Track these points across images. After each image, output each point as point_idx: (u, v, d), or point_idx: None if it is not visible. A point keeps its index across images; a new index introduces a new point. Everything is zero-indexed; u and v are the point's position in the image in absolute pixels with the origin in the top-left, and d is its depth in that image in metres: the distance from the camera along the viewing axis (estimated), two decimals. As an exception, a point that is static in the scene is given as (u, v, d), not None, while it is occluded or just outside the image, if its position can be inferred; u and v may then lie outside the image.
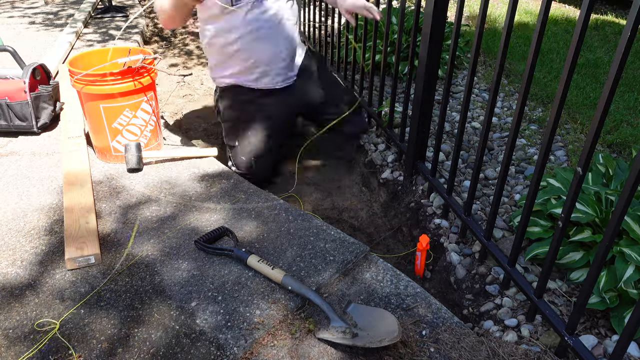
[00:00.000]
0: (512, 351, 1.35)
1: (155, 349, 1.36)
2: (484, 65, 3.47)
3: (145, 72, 2.12)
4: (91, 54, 2.23)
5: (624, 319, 1.38)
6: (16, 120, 2.39)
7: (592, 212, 1.56)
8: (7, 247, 1.72)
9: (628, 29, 0.99)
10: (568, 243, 1.58)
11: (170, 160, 2.27)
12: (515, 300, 1.57)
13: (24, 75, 2.36)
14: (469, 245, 1.84)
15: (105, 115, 2.10)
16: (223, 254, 1.68)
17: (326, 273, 1.60)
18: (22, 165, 2.22)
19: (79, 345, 1.37)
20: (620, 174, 1.72)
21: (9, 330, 1.42)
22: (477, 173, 1.64)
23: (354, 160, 2.64)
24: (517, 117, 1.38)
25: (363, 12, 2.14)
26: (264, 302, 1.49)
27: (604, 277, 1.43)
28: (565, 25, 4.24)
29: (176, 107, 3.29)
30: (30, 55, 3.55)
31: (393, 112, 2.32)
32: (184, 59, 4.09)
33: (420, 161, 2.13)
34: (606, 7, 4.96)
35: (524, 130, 2.57)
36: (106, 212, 1.91)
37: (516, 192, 2.06)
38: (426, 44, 1.82)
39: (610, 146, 2.42)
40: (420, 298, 1.52)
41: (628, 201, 1.05)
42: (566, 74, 1.17)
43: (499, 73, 1.45)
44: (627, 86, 3.04)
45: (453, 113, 2.77)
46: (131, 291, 1.55)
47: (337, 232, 1.79)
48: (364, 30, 2.47)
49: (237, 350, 1.34)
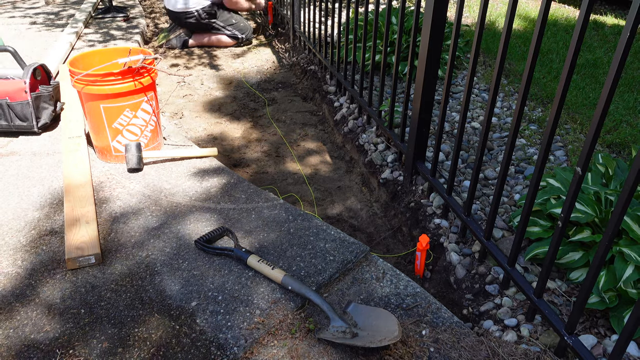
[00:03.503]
0: (511, 351, 1.35)
1: (155, 348, 1.36)
2: (484, 65, 3.48)
3: (145, 72, 2.13)
4: (92, 54, 2.23)
5: (624, 318, 1.38)
6: (17, 120, 2.39)
7: (592, 212, 1.56)
8: (7, 247, 1.73)
9: (627, 29, 0.99)
10: (568, 243, 1.58)
11: (171, 160, 2.27)
12: (515, 300, 1.57)
13: (25, 76, 2.36)
14: (468, 245, 1.84)
15: (106, 115, 2.11)
16: (223, 254, 1.68)
17: (326, 273, 1.60)
18: (23, 165, 2.22)
19: (79, 345, 1.37)
20: (620, 174, 1.72)
21: (9, 330, 1.42)
22: (476, 173, 1.64)
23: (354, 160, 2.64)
24: (516, 117, 1.38)
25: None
26: (264, 301, 1.49)
27: (603, 276, 1.44)
28: (565, 25, 4.24)
29: (176, 107, 3.29)
30: (30, 55, 3.56)
31: (393, 112, 2.33)
32: (185, 59, 4.09)
33: (420, 161, 2.13)
34: (606, 7, 4.97)
35: (524, 130, 2.57)
36: (106, 212, 1.91)
37: (516, 192, 2.06)
38: (426, 44, 1.83)
39: (610, 146, 2.42)
40: (420, 298, 1.53)
41: (627, 201, 1.06)
42: (566, 74, 1.17)
43: (499, 73, 1.45)
44: (626, 86, 3.04)
45: (453, 113, 2.77)
46: (131, 291, 1.55)
47: (337, 232, 1.80)
48: (364, 30, 2.47)
49: (237, 350, 1.34)
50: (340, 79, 3.01)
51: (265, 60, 4.13)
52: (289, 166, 2.64)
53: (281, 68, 3.96)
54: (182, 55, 4.17)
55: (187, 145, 2.45)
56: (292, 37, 4.20)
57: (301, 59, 3.93)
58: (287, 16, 4.34)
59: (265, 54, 4.25)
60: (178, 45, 4.23)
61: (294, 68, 3.91)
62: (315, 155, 2.75)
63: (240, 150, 2.78)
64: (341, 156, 2.74)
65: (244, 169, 2.62)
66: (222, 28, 4.22)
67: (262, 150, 2.79)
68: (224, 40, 4.28)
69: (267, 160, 2.69)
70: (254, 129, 3.02)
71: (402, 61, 3.01)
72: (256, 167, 2.63)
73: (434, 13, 1.75)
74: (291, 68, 3.93)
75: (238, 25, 4.26)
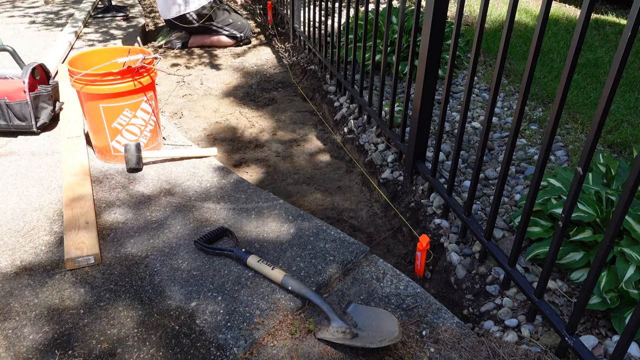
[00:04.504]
0: (512, 351, 1.35)
1: (154, 349, 1.36)
2: (484, 65, 3.47)
3: (145, 72, 2.12)
4: (91, 53, 2.23)
5: (625, 319, 1.38)
6: (15, 120, 2.38)
7: (593, 212, 1.55)
8: (6, 247, 1.72)
9: (628, 29, 0.99)
10: (568, 243, 1.57)
11: (170, 160, 2.27)
12: (516, 300, 1.57)
13: (24, 75, 2.35)
14: (469, 245, 1.84)
15: (105, 115, 2.10)
16: (223, 254, 1.67)
17: (326, 273, 1.60)
18: (22, 165, 2.22)
19: (78, 345, 1.37)
20: (622, 173, 1.72)
21: (8, 331, 1.41)
22: (477, 173, 1.64)
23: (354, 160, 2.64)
24: (517, 117, 1.37)
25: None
26: (264, 302, 1.49)
27: (604, 277, 1.43)
28: (566, 25, 4.23)
29: (176, 107, 3.29)
30: (29, 55, 3.55)
31: (393, 112, 2.32)
32: (185, 59, 4.09)
33: (420, 161, 2.13)
34: (606, 7, 4.96)
35: (525, 130, 2.56)
36: (106, 212, 1.90)
37: (516, 192, 2.05)
38: (426, 44, 1.82)
39: (611, 146, 2.42)
40: (420, 298, 1.52)
41: (629, 201, 1.05)
42: (566, 74, 1.16)
43: (499, 73, 1.45)
44: (627, 86, 3.03)
45: (453, 113, 2.77)
46: (131, 291, 1.54)
47: (337, 232, 1.79)
48: (364, 29, 2.47)
49: (237, 350, 1.34)
50: (340, 79, 3.00)
51: (265, 59, 4.12)
52: (289, 166, 2.63)
53: (281, 68, 3.96)
54: (182, 55, 4.17)
55: (187, 145, 2.44)
56: (292, 37, 4.19)
57: (301, 58, 3.93)
58: (287, 16, 4.34)
59: (265, 54, 4.25)
60: (178, 45, 4.24)
61: (293, 68, 3.91)
62: (315, 155, 2.75)
63: (241, 150, 2.78)
64: (341, 156, 2.73)
65: (244, 169, 2.62)
66: (220, 29, 4.22)
67: (262, 151, 2.78)
68: (224, 40, 4.28)
69: (267, 161, 2.69)
70: (254, 129, 3.02)
71: (403, 61, 3.01)
72: (256, 167, 2.63)
73: (434, 13, 1.74)
74: (291, 68, 3.92)
75: (235, 24, 4.26)
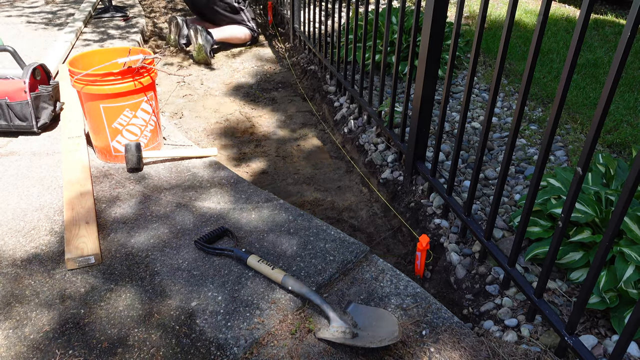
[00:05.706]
0: (512, 351, 1.35)
1: (155, 348, 1.36)
2: (484, 65, 3.47)
3: (145, 72, 2.12)
4: (91, 53, 2.23)
5: (624, 319, 1.38)
6: (16, 120, 2.39)
7: (592, 212, 1.56)
8: (7, 247, 1.72)
9: (628, 29, 0.99)
10: (568, 243, 1.58)
11: (170, 160, 2.27)
12: (515, 300, 1.57)
13: (24, 75, 2.36)
14: (469, 245, 1.84)
15: (106, 115, 2.10)
16: (223, 254, 1.68)
17: (326, 273, 1.60)
18: (22, 165, 2.22)
19: (79, 345, 1.37)
20: (622, 174, 1.72)
21: (9, 331, 1.42)
22: (477, 173, 1.64)
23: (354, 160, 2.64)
24: (517, 117, 1.38)
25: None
26: (264, 302, 1.49)
27: (604, 277, 1.43)
28: (565, 25, 4.23)
29: (176, 107, 3.29)
30: (30, 55, 3.55)
31: (393, 112, 2.32)
32: (184, 59, 4.08)
33: (420, 161, 2.13)
34: (606, 7, 4.96)
35: (524, 130, 2.57)
36: (106, 212, 1.91)
37: (516, 192, 2.05)
38: (426, 44, 1.82)
39: (610, 146, 2.42)
40: (420, 298, 1.52)
41: (628, 201, 1.05)
42: (566, 74, 1.17)
43: (499, 73, 1.45)
44: (627, 86, 3.04)
45: (453, 113, 2.77)
46: (131, 291, 1.55)
47: (337, 232, 1.79)
48: (364, 30, 2.47)
49: (237, 350, 1.34)
50: (340, 79, 3.01)
51: (265, 60, 4.13)
52: (289, 166, 2.64)
53: (281, 68, 3.96)
54: (183, 54, 4.17)
55: (187, 145, 2.44)
56: (292, 37, 4.20)
57: (301, 58, 3.93)
58: (287, 16, 4.34)
59: (265, 54, 4.25)
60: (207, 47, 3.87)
61: (294, 68, 3.91)
62: (315, 155, 2.75)
63: (241, 150, 2.78)
64: (341, 156, 2.74)
65: (244, 169, 2.62)
66: (248, 20, 4.22)
67: (262, 151, 2.79)
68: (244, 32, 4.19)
69: (268, 160, 2.69)
70: (254, 129, 3.02)
71: (402, 61, 3.01)
72: (256, 167, 2.63)
73: (434, 13, 1.74)
74: (291, 68, 3.93)
75: (256, 20, 4.32)
